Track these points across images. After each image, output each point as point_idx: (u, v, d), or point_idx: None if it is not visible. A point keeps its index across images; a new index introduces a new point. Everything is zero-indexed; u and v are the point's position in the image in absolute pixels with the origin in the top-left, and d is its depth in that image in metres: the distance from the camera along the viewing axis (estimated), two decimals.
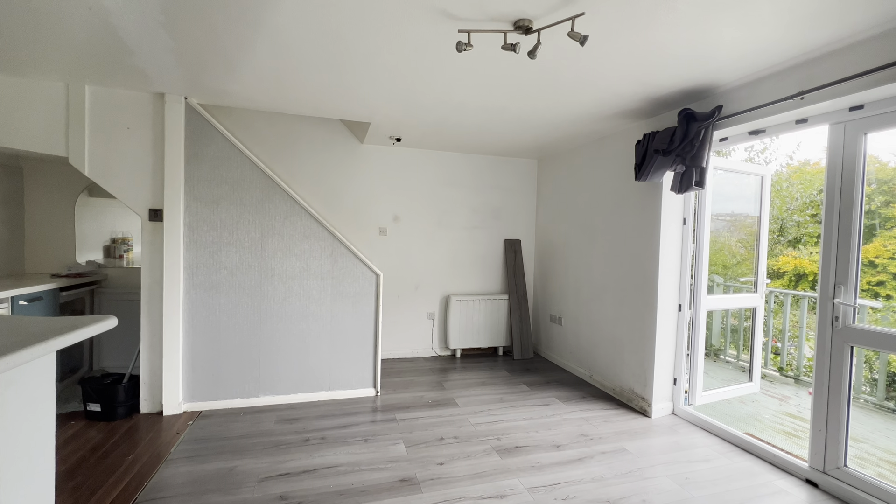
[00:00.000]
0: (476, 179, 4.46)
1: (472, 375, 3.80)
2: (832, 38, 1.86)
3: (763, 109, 2.28)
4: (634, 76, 2.32)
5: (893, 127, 1.95)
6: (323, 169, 3.92)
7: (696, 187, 2.58)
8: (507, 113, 3.01)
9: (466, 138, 3.79)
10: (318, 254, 3.10)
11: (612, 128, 3.31)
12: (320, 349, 3.13)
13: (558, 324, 4.20)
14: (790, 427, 3.17)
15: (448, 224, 4.39)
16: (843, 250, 2.10)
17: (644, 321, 3.06)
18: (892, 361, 3.57)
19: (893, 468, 2.62)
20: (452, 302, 4.29)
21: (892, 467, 2.64)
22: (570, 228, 4.03)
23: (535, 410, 3.05)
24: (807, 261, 6.53)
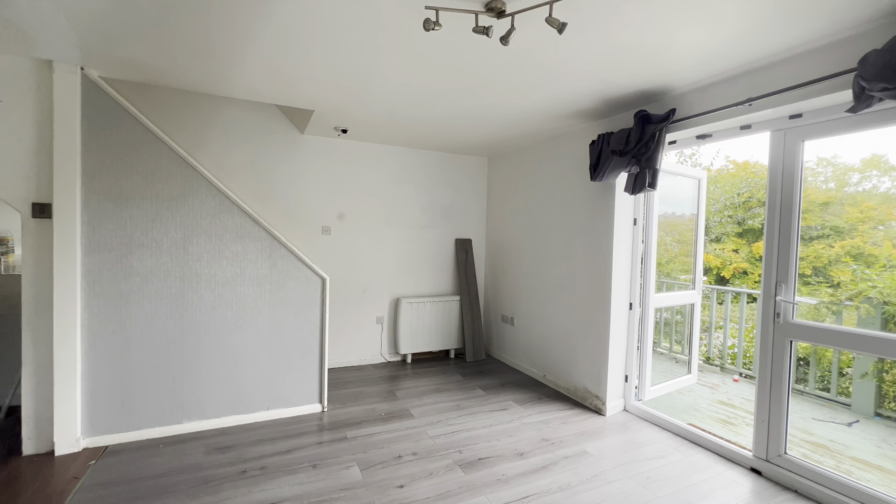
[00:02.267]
0: (426, 177, 4.28)
1: (425, 382, 3.62)
2: (778, 48, 1.94)
3: (712, 114, 2.36)
4: (597, 74, 2.28)
5: (827, 136, 2.08)
6: (257, 161, 3.51)
7: (649, 188, 2.63)
8: (464, 106, 2.87)
9: (418, 133, 3.59)
10: (253, 256, 2.74)
11: (566, 127, 3.30)
12: (257, 364, 2.77)
13: (510, 324, 4.16)
14: (724, 415, 3.38)
15: (397, 223, 4.16)
16: (783, 251, 2.23)
17: (598, 320, 3.09)
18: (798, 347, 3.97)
19: (813, 447, 2.87)
20: (402, 305, 4.08)
21: (812, 446, 2.90)
22: (522, 228, 4.00)
23: (494, 416, 2.95)
24: (712, 255, 7.24)
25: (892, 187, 11.06)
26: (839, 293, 4.39)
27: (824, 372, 3.87)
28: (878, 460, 2.74)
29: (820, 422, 3.34)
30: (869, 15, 1.64)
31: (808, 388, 3.84)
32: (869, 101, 1.65)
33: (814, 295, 5.33)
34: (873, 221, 10.63)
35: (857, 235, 10.71)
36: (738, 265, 8.33)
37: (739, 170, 8.71)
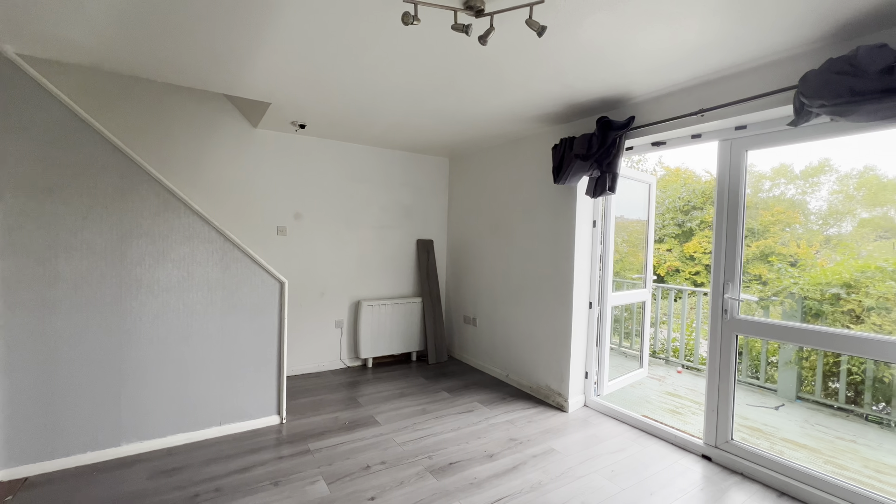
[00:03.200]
0: (387, 176, 4.18)
1: (388, 386, 3.53)
2: (729, 63, 2.08)
3: (667, 123, 2.49)
4: (565, 79, 2.33)
5: (768, 146, 2.27)
6: (206, 155, 3.25)
7: (609, 192, 2.74)
8: (431, 106, 2.83)
9: (379, 131, 3.50)
10: (203, 259, 2.52)
11: (529, 130, 3.36)
12: (208, 375, 2.55)
13: (473, 325, 4.18)
14: (672, 405, 3.60)
15: (357, 223, 4.03)
16: (729, 252, 2.40)
17: (560, 319, 3.17)
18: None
19: (750, 431, 3.13)
20: (363, 308, 3.95)
21: (748, 430, 3.17)
22: (484, 229, 4.03)
23: (461, 419, 2.93)
24: None
25: (797, 193, 12.44)
26: (767, 290, 4.84)
27: (754, 361, 4.25)
28: (803, 440, 3.04)
29: (753, 407, 3.65)
30: (810, 37, 1.81)
31: (741, 377, 4.20)
32: (808, 115, 1.81)
33: (746, 291, 5.82)
34: (782, 224, 11.92)
35: (770, 236, 11.98)
36: (671, 263, 8.98)
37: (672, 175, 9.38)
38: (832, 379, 3.61)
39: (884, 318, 3.30)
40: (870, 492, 1.94)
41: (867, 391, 3.38)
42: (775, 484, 2.18)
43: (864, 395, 3.38)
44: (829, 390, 3.65)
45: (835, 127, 2.00)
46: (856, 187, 10.64)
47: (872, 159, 10.07)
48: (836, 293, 3.52)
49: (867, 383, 3.38)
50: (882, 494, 1.91)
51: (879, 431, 3.20)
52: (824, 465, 2.69)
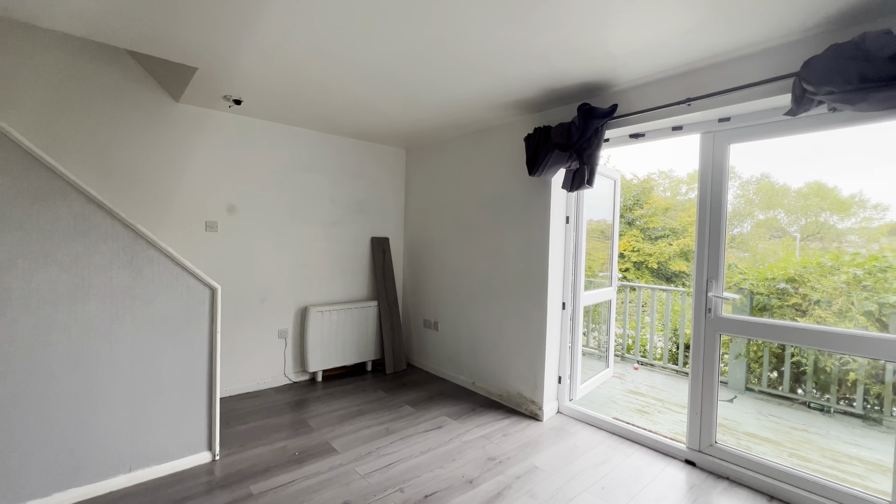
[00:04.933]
0: (338, 166, 3.74)
1: (342, 403, 3.11)
2: (719, 50, 1.96)
3: (649, 113, 2.36)
4: (550, 59, 2.10)
5: (751, 139, 2.21)
6: (108, 131, 2.62)
7: (587, 185, 2.56)
8: (396, 84, 2.47)
9: (330, 113, 3.06)
10: (105, 261, 1.96)
11: (499, 118, 3.11)
12: (113, 410, 2.00)
13: (434, 329, 3.87)
14: (638, 404, 3.55)
15: (304, 218, 3.55)
16: (713, 250, 2.32)
17: (534, 321, 2.96)
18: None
19: (724, 429, 3.13)
20: (311, 314, 3.48)
21: (724, 429, 3.17)
22: (447, 225, 3.73)
23: (430, 437, 2.61)
24: None
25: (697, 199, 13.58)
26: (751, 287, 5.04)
27: None
28: (763, 432, 3.09)
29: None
30: (809, 23, 1.71)
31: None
32: (809, 104, 1.72)
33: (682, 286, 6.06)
34: None
35: (688, 235, 12.99)
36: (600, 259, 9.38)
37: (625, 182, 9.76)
38: (779, 370, 3.77)
39: (825, 310, 3.50)
40: (856, 490, 1.91)
41: (809, 380, 3.56)
42: (763, 487, 2.11)
43: (806, 385, 3.56)
44: (773, 381, 3.81)
45: (821, 120, 1.95)
46: (755, 192, 11.86)
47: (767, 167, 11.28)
48: (784, 288, 3.69)
49: (809, 373, 3.56)
50: (874, 494, 1.89)
51: (824, 419, 3.36)
52: (789, 458, 2.72)
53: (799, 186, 9.75)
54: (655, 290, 4.92)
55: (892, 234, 8.49)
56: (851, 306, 3.36)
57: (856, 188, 9.52)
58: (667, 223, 13.13)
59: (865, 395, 3.30)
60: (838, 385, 3.43)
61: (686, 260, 12.33)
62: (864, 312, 3.26)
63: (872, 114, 1.74)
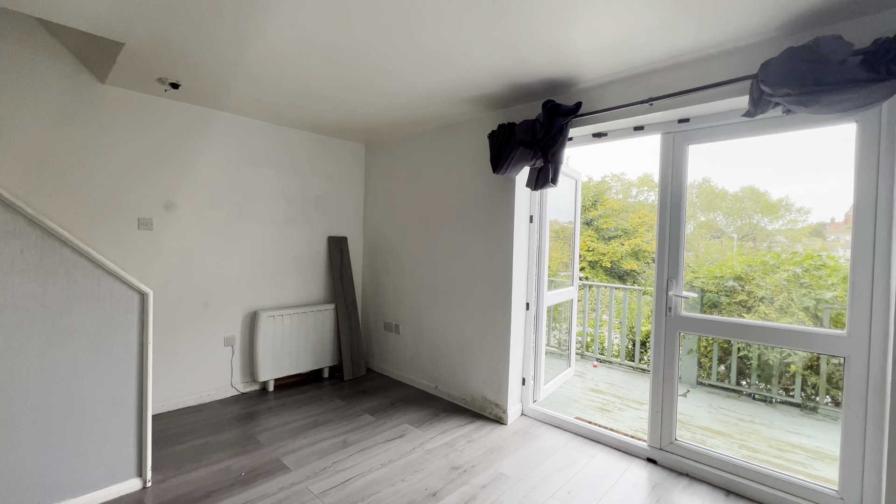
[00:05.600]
0: (292, 160, 3.50)
1: (296, 415, 2.90)
2: (682, 50, 1.97)
3: (613, 112, 2.35)
4: (517, 51, 2.02)
5: (708, 141, 2.24)
6: (21, 117, 2.27)
7: (552, 184, 2.53)
8: (353, 72, 2.31)
9: (285, 103, 2.84)
10: (4, 264, 1.66)
11: (462, 114, 3.02)
12: (16, 436, 1.70)
13: (395, 332, 3.72)
14: (599, 402, 3.59)
15: (254, 216, 3.29)
16: (672, 249, 2.34)
17: (498, 323, 2.89)
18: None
19: (680, 424, 3.20)
20: (262, 319, 3.23)
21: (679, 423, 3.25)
22: (408, 224, 3.60)
23: (391, 448, 2.47)
24: None
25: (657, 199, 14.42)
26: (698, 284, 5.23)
27: None
28: (715, 425, 3.20)
29: None
30: (768, 25, 1.75)
31: (647, 366, 4.42)
32: (766, 105, 1.75)
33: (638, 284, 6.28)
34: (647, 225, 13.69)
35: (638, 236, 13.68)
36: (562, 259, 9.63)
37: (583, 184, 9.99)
38: (726, 363, 3.95)
39: (768, 306, 3.70)
40: (804, 480, 1.98)
41: (754, 373, 3.75)
42: (721, 483, 2.15)
43: (751, 377, 3.74)
44: (721, 375, 3.99)
45: (772, 123, 2.01)
46: (697, 195, 12.71)
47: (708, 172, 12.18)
48: (732, 286, 3.87)
49: (753, 366, 3.75)
50: (821, 483, 1.96)
51: (768, 409, 3.55)
52: (739, 449, 2.83)
53: (735, 191, 10.47)
54: (613, 289, 5.03)
55: (813, 234, 9.35)
56: (791, 302, 3.57)
57: (783, 193, 10.40)
58: (619, 224, 13.74)
59: (803, 386, 3.51)
60: (779, 377, 3.63)
61: (637, 259, 12.95)
62: (803, 308, 3.47)
63: (824, 116, 1.80)
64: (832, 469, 2.59)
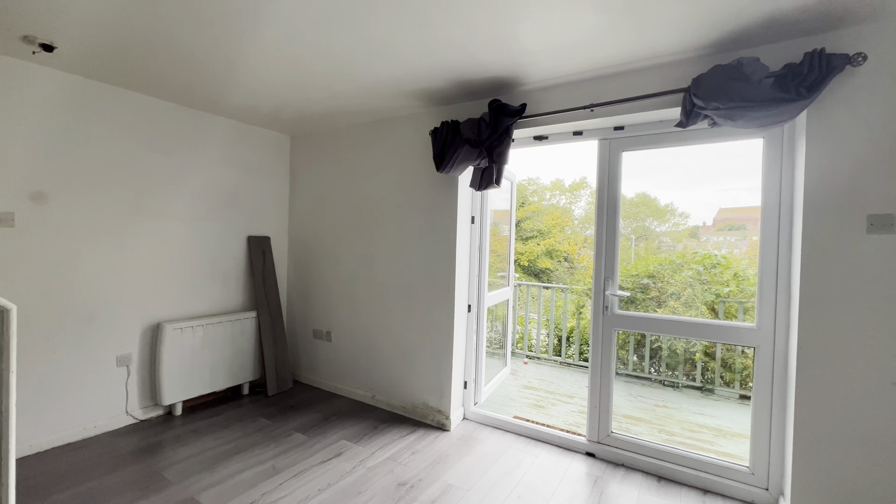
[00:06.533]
0: (204, 149, 3.06)
1: (212, 441, 2.53)
2: (622, 60, 2.06)
3: (554, 115, 2.39)
4: (466, 45, 1.94)
5: (640, 148, 2.38)
6: None
7: (495, 185, 2.51)
8: (276, 48, 2.05)
9: (190, 80, 2.45)
10: None
11: (403, 109, 2.87)
12: None
13: (326, 340, 3.45)
14: (533, 399, 3.69)
15: (155, 212, 2.81)
16: (609, 251, 2.45)
17: (441, 326, 2.80)
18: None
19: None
20: (167, 332, 2.77)
21: None
22: (342, 223, 3.35)
23: (329, 469, 2.25)
24: None
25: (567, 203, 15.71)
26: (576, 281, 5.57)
27: (583, 344, 4.79)
28: (637, 413, 3.46)
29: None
30: (697, 44, 1.88)
31: (573, 361, 4.67)
32: (697, 117, 1.88)
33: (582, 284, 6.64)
34: (559, 226, 14.78)
35: (552, 237, 14.69)
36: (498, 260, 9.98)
37: None
38: (639, 354, 4.31)
39: (676, 301, 4.12)
40: (721, 459, 2.19)
41: (663, 362, 4.14)
42: (653, 469, 2.29)
43: (661, 365, 4.13)
44: (636, 365, 4.35)
45: (695, 134, 2.19)
46: None
47: None
48: (646, 283, 4.24)
49: (664, 356, 4.14)
50: (734, 461, 2.17)
51: (676, 394, 3.93)
52: (659, 434, 3.07)
53: (632, 196, 11.70)
54: (542, 288, 5.24)
55: (691, 236, 10.84)
56: (695, 297, 4.01)
57: (668, 199, 11.93)
58: (535, 225, 14.59)
59: (703, 371, 3.96)
60: (684, 364, 4.05)
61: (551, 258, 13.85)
62: (705, 302, 3.92)
63: (738, 130, 1.99)
64: (733, 444, 2.93)
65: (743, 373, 3.85)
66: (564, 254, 13.50)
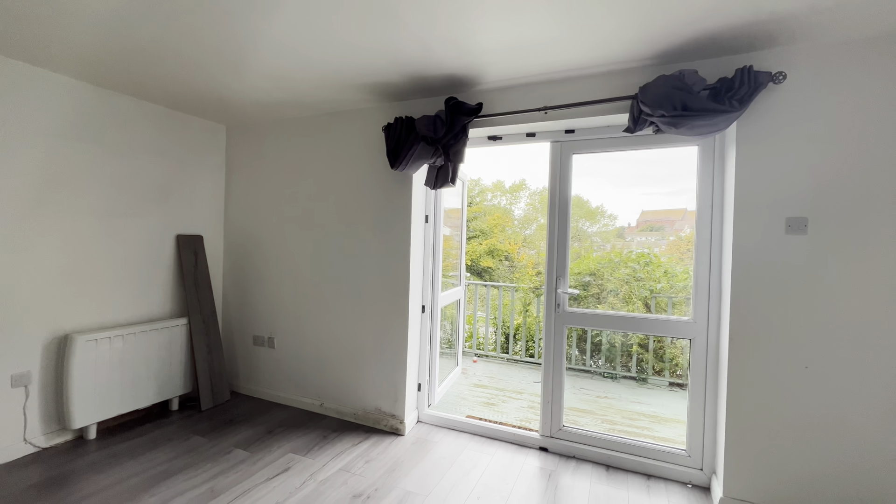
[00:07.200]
0: (125, 136, 2.71)
1: (136, 466, 2.24)
2: (575, 65, 2.12)
3: (511, 116, 2.41)
4: (426, 38, 1.89)
5: (588, 152, 2.48)
6: None
7: (450, 184, 2.48)
8: (205, 25, 1.86)
9: (112, 57, 2.15)
10: None
11: (353, 102, 2.74)
12: None
13: (268, 346, 3.21)
14: (484, 397, 3.72)
15: (64, 206, 2.44)
16: (560, 250, 2.52)
17: (395, 329, 2.72)
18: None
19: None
20: (77, 345, 2.42)
21: None
22: (286, 222, 3.14)
23: (277, 486, 2.09)
24: None
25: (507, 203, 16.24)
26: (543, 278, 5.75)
27: (528, 341, 4.93)
28: (581, 405, 3.62)
29: (537, 383, 4.17)
30: (646, 53, 1.98)
31: (520, 357, 4.80)
32: (643, 123, 1.99)
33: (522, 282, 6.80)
34: (501, 227, 15.25)
35: (493, 236, 15.13)
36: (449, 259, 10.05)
37: None
38: (581, 348, 4.53)
39: (615, 297, 4.38)
40: (661, 444, 2.34)
41: (603, 355, 4.38)
42: (601, 459, 2.39)
43: (600, 358, 4.37)
44: (577, 358, 4.57)
45: (640, 140, 2.32)
46: (539, 201, 14.73)
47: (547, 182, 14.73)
48: (588, 281, 4.46)
49: (603, 349, 4.38)
50: (673, 445, 2.33)
51: (614, 384, 4.17)
52: (602, 423, 3.24)
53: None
54: (490, 287, 5.32)
55: (618, 236, 11.74)
56: (631, 294, 4.28)
57: (598, 202, 12.81)
58: (477, 225, 14.90)
59: (639, 362, 4.24)
60: (621, 356, 4.32)
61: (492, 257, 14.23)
62: (641, 298, 4.20)
63: (677, 138, 2.14)
64: (667, 428, 3.16)
65: (672, 362, 4.18)
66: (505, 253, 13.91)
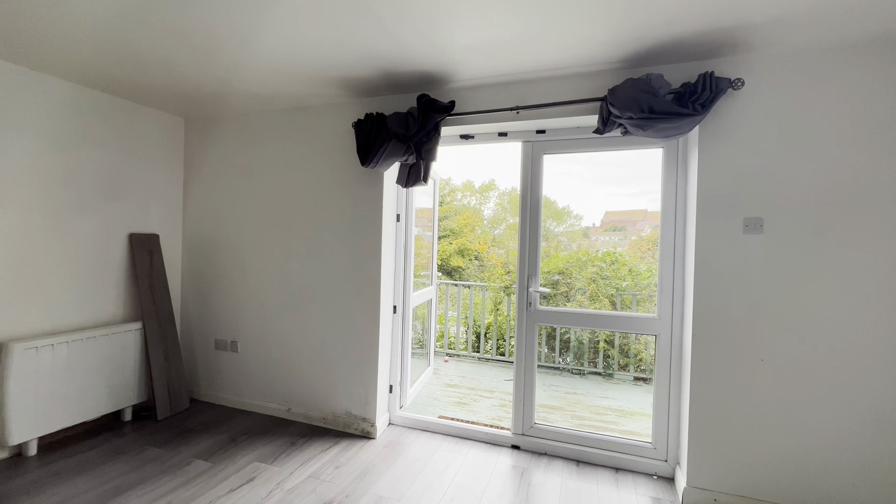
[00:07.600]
0: (70, 127, 2.51)
1: (84, 483, 2.07)
2: (546, 66, 2.14)
3: (484, 115, 2.40)
4: (396, 33, 1.85)
5: (558, 152, 2.51)
6: None
7: (422, 182, 2.46)
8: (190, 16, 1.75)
9: (57, 42, 1.98)
10: None
11: (321, 96, 2.66)
12: None
13: (231, 351, 3.07)
14: (456, 397, 3.72)
15: (0, 201, 2.23)
16: (532, 249, 2.55)
17: (366, 331, 2.66)
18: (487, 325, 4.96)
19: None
20: (15, 353, 2.21)
21: None
22: (250, 220, 3.00)
23: (241, 498, 1.99)
24: None
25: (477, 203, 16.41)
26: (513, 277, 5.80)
27: (499, 339, 4.98)
28: (551, 402, 3.68)
29: (507, 381, 4.21)
30: (614, 56, 2.02)
31: (490, 356, 4.84)
32: (612, 125, 2.03)
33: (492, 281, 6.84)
34: (471, 226, 15.39)
35: (463, 236, 15.25)
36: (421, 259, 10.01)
37: None
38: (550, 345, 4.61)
39: (583, 296, 4.48)
40: (629, 438, 2.41)
41: (571, 352, 4.48)
42: (572, 455, 2.43)
43: (569, 355, 4.46)
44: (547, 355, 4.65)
45: (609, 141, 2.37)
46: (508, 202, 14.96)
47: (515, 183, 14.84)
48: (557, 279, 4.54)
49: (572, 346, 4.48)
50: (639, 438, 2.40)
51: (581, 380, 4.27)
52: (572, 419, 3.30)
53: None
54: (461, 286, 5.32)
55: (584, 236, 12.12)
56: (598, 292, 4.40)
57: (565, 202, 13.17)
58: (447, 225, 14.96)
59: (605, 358, 4.36)
60: (589, 352, 4.43)
61: (462, 257, 14.33)
62: (608, 296, 4.32)
63: (644, 140, 2.20)
64: (633, 422, 3.26)
65: (636, 357, 4.33)
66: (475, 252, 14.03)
